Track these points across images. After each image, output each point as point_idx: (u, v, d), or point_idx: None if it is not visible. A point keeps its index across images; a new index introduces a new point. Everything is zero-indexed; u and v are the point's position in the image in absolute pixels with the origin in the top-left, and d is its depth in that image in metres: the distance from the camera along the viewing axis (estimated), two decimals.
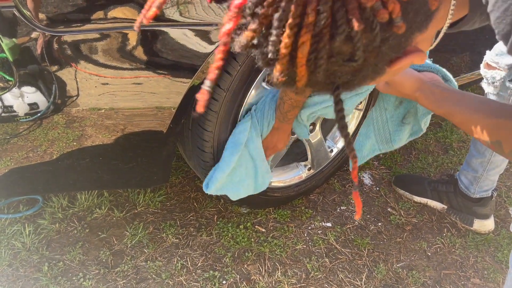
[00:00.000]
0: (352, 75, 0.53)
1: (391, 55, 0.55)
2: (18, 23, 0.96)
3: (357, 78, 0.54)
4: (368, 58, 0.51)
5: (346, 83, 0.54)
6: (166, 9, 1.05)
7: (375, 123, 1.35)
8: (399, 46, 0.54)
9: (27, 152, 1.18)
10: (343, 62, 0.50)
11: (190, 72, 1.16)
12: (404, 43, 0.55)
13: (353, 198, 0.68)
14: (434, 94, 1.00)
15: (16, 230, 1.57)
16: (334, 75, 0.52)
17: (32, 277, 1.43)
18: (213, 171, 1.37)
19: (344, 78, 0.53)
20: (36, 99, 1.08)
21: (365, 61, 0.51)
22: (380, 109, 1.32)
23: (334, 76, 0.52)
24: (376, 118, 1.34)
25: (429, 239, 1.70)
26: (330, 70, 0.51)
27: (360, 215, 0.83)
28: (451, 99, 0.96)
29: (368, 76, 0.56)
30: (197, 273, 1.48)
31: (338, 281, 1.50)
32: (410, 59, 0.58)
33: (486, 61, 1.42)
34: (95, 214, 1.66)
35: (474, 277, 1.57)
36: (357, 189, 0.65)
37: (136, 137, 1.25)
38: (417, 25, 0.55)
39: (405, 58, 0.57)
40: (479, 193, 1.68)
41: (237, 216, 1.70)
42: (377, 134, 1.35)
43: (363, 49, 0.48)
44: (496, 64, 1.38)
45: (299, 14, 0.46)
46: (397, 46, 0.54)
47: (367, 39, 0.48)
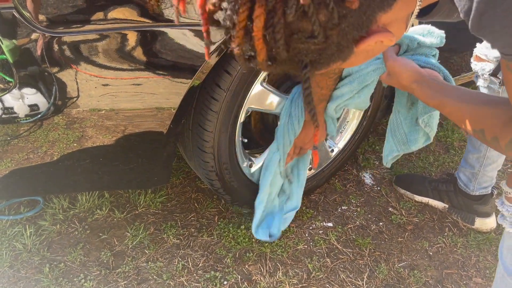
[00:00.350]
0: (318, 53, 0.55)
1: (354, 34, 0.56)
2: (18, 24, 0.96)
3: (323, 56, 0.56)
4: (330, 36, 0.53)
5: (314, 62, 0.56)
6: (165, 9, 1.05)
7: (391, 125, 1.38)
8: (361, 24, 0.56)
9: (28, 154, 1.18)
10: (305, 39, 0.52)
11: (189, 72, 1.16)
12: (367, 21, 0.56)
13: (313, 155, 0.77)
14: (430, 87, 1.01)
15: (17, 231, 1.57)
16: (300, 53, 0.54)
17: (33, 278, 1.43)
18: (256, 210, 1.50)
19: (310, 56, 0.55)
20: (36, 100, 1.08)
21: (327, 38, 0.53)
22: (394, 111, 1.35)
23: (300, 54, 0.54)
24: (392, 120, 1.37)
25: (430, 238, 1.69)
26: (294, 48, 0.53)
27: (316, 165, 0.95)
28: (443, 91, 0.98)
29: (335, 55, 0.58)
30: (198, 274, 1.48)
31: (339, 281, 1.50)
32: (376, 39, 0.59)
33: (476, 53, 1.44)
34: (96, 215, 1.66)
35: (476, 276, 1.57)
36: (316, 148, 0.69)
37: (137, 137, 1.25)
38: (378, 4, 0.56)
39: (371, 38, 0.58)
40: (478, 190, 1.68)
41: (238, 216, 1.70)
42: (394, 135, 1.39)
43: (321, 25, 0.51)
44: (485, 56, 1.41)
45: None
46: (358, 24, 0.55)
47: (324, 16, 0.50)
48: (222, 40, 0.57)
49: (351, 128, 1.77)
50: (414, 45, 1.22)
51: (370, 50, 0.64)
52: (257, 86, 1.34)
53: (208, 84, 1.28)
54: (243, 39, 0.52)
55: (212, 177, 1.46)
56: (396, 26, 0.64)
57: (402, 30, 0.68)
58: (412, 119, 1.36)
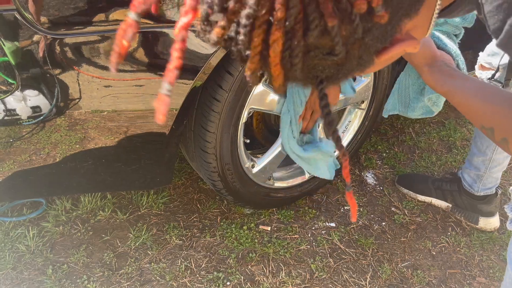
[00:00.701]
0: (336, 69, 0.49)
1: (377, 46, 0.51)
2: (20, 27, 0.96)
3: (341, 71, 0.50)
4: (351, 50, 0.47)
5: (331, 77, 0.51)
6: (167, 10, 1.05)
7: (399, 84, 1.35)
8: (385, 36, 0.51)
9: (30, 155, 1.18)
10: (323, 56, 0.46)
11: (191, 73, 1.16)
12: (391, 32, 0.51)
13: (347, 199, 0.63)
14: (441, 73, 0.97)
15: (20, 233, 1.57)
16: (315, 69, 0.49)
17: (36, 280, 1.43)
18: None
19: (327, 72, 0.49)
20: (38, 102, 1.08)
21: (348, 53, 0.47)
22: (405, 73, 1.32)
23: (315, 70, 0.49)
24: (401, 80, 1.35)
25: (433, 238, 1.69)
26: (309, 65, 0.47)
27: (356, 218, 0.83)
28: (455, 80, 0.93)
29: (354, 69, 0.52)
30: (201, 275, 1.48)
31: (342, 281, 1.50)
32: (400, 49, 0.55)
33: (480, 62, 1.44)
34: (99, 216, 1.66)
35: (480, 276, 1.56)
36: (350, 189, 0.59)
37: (139, 139, 1.25)
38: (405, 11, 0.51)
39: (394, 48, 0.54)
40: (483, 191, 1.67)
41: (241, 217, 1.70)
42: (399, 95, 1.37)
43: (343, 42, 0.45)
44: (489, 65, 1.41)
45: (268, 10, 0.42)
46: (383, 36, 0.50)
47: (347, 31, 0.44)
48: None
49: (353, 128, 1.77)
50: (441, 20, 1.19)
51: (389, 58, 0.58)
52: (259, 86, 1.34)
53: (210, 85, 1.28)
54: (258, 65, 0.45)
55: (215, 177, 1.46)
56: (419, 30, 0.61)
57: (424, 34, 0.64)
58: (419, 87, 1.34)
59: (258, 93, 1.36)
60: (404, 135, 2.23)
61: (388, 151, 2.11)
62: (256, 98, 1.36)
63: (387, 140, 2.18)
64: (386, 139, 2.18)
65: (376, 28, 0.47)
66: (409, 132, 2.26)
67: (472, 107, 0.85)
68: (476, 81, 0.90)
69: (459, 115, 2.36)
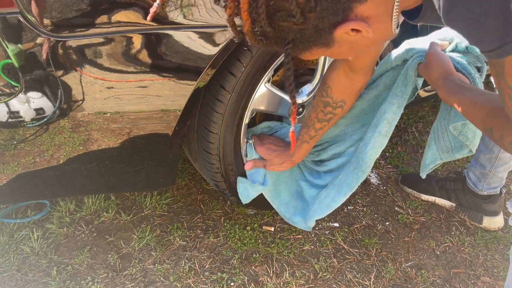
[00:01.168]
0: (299, 33, 0.65)
1: (330, 18, 0.64)
2: (23, 29, 0.97)
3: (303, 36, 0.66)
4: (308, 18, 0.63)
5: (296, 40, 0.66)
6: (170, 11, 1.05)
7: (436, 132, 1.35)
8: (336, 11, 0.64)
9: (34, 157, 1.18)
10: (286, 17, 0.62)
11: (194, 74, 1.16)
12: (342, 9, 0.64)
13: (290, 137, 0.86)
14: (454, 84, 1.04)
15: (24, 234, 1.57)
16: (283, 31, 0.65)
17: (41, 281, 1.43)
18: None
19: (292, 34, 0.65)
20: (42, 104, 1.09)
21: (305, 20, 0.63)
22: (439, 118, 1.32)
23: (283, 31, 0.65)
24: (435, 128, 1.34)
25: (437, 237, 1.69)
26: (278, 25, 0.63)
27: (292, 152, 0.99)
28: (463, 90, 1.00)
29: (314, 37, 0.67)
30: (205, 275, 1.48)
31: (346, 281, 1.49)
32: (351, 26, 0.66)
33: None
34: (103, 217, 1.66)
35: (484, 276, 1.56)
36: (293, 129, 0.81)
37: (142, 140, 1.25)
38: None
39: (346, 24, 0.66)
40: (487, 190, 1.67)
41: (244, 217, 1.70)
42: (438, 143, 1.35)
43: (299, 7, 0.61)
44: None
45: None
46: (334, 10, 0.64)
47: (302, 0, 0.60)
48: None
49: None
50: (462, 47, 1.20)
51: (354, 41, 0.70)
52: (262, 87, 1.34)
53: (212, 86, 1.28)
54: (234, 10, 0.63)
55: (218, 178, 1.46)
56: (378, 22, 0.69)
57: (388, 28, 0.72)
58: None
59: (261, 94, 1.36)
60: (407, 135, 2.22)
61: (391, 150, 2.10)
62: (258, 99, 1.36)
63: (390, 139, 2.17)
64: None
65: (327, 1, 0.62)
66: (412, 131, 2.25)
67: (476, 113, 0.93)
68: (481, 91, 0.99)
69: None
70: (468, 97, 0.97)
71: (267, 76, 1.33)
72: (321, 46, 0.70)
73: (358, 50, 0.75)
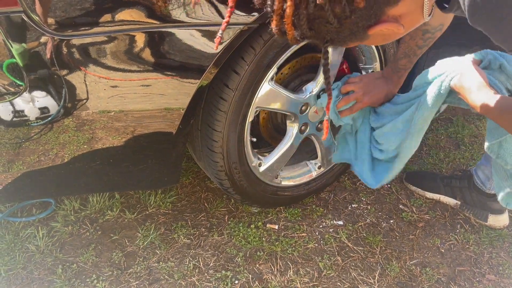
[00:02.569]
0: (336, 34, 0.74)
1: (364, 23, 0.73)
2: (27, 28, 0.97)
3: (340, 36, 0.75)
4: (344, 23, 0.71)
5: (333, 39, 0.76)
6: (173, 10, 1.05)
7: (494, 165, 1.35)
8: (369, 16, 0.72)
9: (39, 156, 1.19)
10: (324, 24, 0.71)
11: (198, 72, 1.16)
12: (375, 14, 0.73)
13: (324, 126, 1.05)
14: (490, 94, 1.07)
15: (29, 233, 1.58)
16: (322, 32, 0.74)
17: (46, 279, 1.44)
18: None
19: (330, 35, 0.74)
20: (46, 103, 1.09)
21: (341, 25, 0.71)
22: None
23: (322, 33, 0.74)
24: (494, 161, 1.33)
25: (442, 235, 1.68)
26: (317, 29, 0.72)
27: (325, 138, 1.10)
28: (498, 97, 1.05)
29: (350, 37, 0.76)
30: (209, 273, 1.49)
31: (350, 279, 1.49)
32: (383, 27, 0.74)
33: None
34: (107, 216, 1.67)
35: (489, 273, 1.55)
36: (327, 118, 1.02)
37: (146, 138, 1.26)
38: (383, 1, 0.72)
39: (378, 26, 0.74)
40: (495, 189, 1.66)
41: (248, 215, 1.70)
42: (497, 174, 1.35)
43: (336, 16, 0.69)
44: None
45: None
46: (367, 16, 0.72)
47: (339, 10, 0.69)
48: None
49: None
50: (496, 65, 1.20)
51: (386, 34, 0.79)
52: (265, 85, 1.34)
53: (216, 84, 1.28)
54: (279, 22, 0.72)
55: (222, 176, 1.46)
56: (409, 17, 0.77)
57: (420, 18, 0.80)
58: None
59: (265, 92, 1.36)
60: None
61: None
62: (262, 97, 1.36)
63: None
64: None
65: (360, 10, 0.70)
66: None
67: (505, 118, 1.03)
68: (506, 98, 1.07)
69: (467, 112, 2.35)
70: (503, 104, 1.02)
71: (271, 74, 1.33)
72: (356, 41, 0.78)
73: (391, 38, 0.83)
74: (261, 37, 1.22)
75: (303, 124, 1.53)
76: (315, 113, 1.53)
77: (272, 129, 1.62)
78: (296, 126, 1.52)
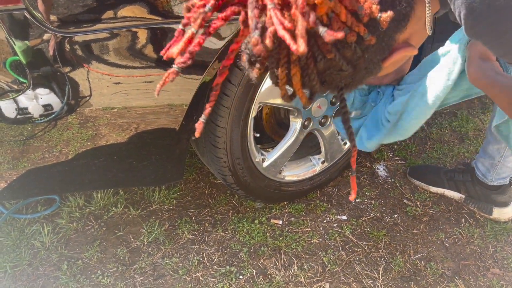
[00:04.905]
0: (351, 78, 0.67)
1: (378, 57, 0.68)
2: (30, 26, 0.97)
3: (355, 79, 0.69)
4: (357, 65, 0.64)
5: (348, 85, 0.69)
6: (175, 5, 1.05)
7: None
8: (382, 49, 0.67)
9: (43, 153, 1.19)
10: (336, 72, 0.63)
11: (200, 68, 1.16)
12: (387, 45, 0.67)
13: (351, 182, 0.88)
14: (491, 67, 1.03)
15: (35, 229, 1.59)
16: (335, 81, 0.66)
17: (52, 275, 1.45)
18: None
19: (344, 81, 0.67)
20: (50, 101, 1.09)
21: (355, 67, 0.64)
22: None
23: (335, 81, 0.66)
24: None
25: (446, 229, 1.68)
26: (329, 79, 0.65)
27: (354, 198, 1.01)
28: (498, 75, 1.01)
29: (365, 76, 0.70)
30: (213, 269, 1.49)
31: (355, 274, 1.49)
32: (398, 55, 0.70)
33: None
34: (112, 212, 1.67)
35: (494, 267, 1.55)
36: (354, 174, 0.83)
37: (149, 135, 1.26)
38: (393, 29, 0.66)
39: (394, 55, 0.70)
40: (497, 181, 1.65)
41: (252, 211, 1.70)
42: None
43: (349, 60, 0.62)
44: None
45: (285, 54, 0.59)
46: (380, 50, 0.67)
47: (349, 54, 0.61)
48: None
49: None
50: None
51: (400, 59, 0.73)
52: (268, 81, 1.34)
53: None
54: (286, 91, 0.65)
55: (225, 172, 1.46)
56: (416, 36, 0.74)
57: (425, 33, 0.76)
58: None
59: (267, 88, 1.35)
60: None
61: (399, 142, 2.09)
62: (265, 92, 1.36)
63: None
64: None
65: (372, 46, 0.64)
66: None
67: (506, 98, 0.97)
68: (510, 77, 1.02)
69: (471, 105, 2.33)
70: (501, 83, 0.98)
71: None
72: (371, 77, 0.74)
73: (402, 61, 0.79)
74: None
75: (306, 119, 1.52)
76: (318, 107, 1.52)
77: (275, 125, 1.62)
78: (299, 121, 1.52)
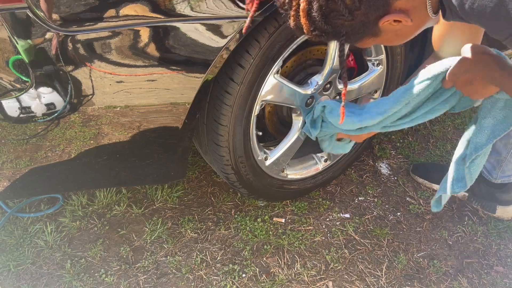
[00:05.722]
0: (350, 27, 0.84)
1: (373, 14, 0.82)
2: (32, 24, 0.97)
3: (354, 29, 0.84)
4: (356, 15, 0.81)
5: (348, 33, 0.85)
6: (177, 4, 1.04)
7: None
8: (378, 7, 0.81)
9: (46, 152, 1.19)
10: (338, 16, 0.81)
11: (203, 67, 1.16)
12: (383, 6, 0.81)
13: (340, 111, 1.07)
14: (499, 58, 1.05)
15: (38, 228, 1.59)
16: (337, 27, 0.83)
17: (55, 274, 1.46)
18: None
19: (345, 29, 0.84)
20: (52, 99, 1.09)
21: (353, 16, 0.81)
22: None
23: (337, 27, 0.83)
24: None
25: (449, 227, 1.67)
26: (332, 23, 0.82)
27: (342, 121, 1.16)
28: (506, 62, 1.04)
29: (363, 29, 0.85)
30: (216, 267, 1.49)
31: (358, 272, 1.49)
32: (392, 17, 0.82)
33: None
34: (114, 211, 1.68)
35: (497, 265, 1.55)
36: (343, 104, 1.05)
37: (152, 133, 1.26)
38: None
39: (387, 16, 0.82)
40: (501, 178, 1.65)
41: (255, 209, 1.70)
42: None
43: (347, 7, 0.79)
44: None
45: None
46: (376, 7, 0.81)
47: (349, 1, 0.79)
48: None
49: None
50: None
51: (397, 29, 0.86)
52: (271, 79, 1.33)
53: (221, 78, 1.27)
54: (295, 18, 0.84)
55: (228, 170, 1.46)
56: (416, 12, 0.85)
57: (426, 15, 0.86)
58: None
59: (270, 86, 1.35)
60: (418, 124, 2.20)
61: (402, 140, 2.09)
62: (267, 90, 1.35)
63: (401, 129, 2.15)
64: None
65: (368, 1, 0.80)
66: None
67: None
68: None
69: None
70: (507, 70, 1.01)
71: (276, 67, 1.32)
72: (370, 36, 0.87)
73: (404, 36, 0.91)
74: (265, 30, 1.22)
75: None
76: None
77: (277, 123, 1.62)
78: (302, 119, 1.51)
